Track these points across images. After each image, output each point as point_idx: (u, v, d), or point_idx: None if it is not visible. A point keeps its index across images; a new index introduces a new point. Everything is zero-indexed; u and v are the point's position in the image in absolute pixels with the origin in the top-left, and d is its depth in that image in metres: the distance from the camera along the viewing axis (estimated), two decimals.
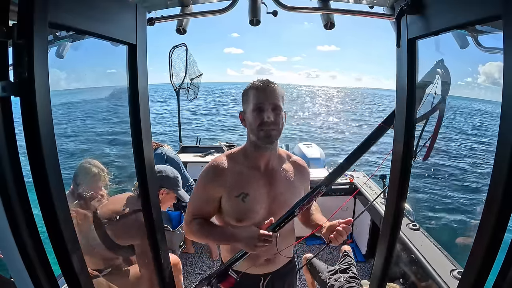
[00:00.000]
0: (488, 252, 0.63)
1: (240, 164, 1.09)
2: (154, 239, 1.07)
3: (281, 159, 1.16)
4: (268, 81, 1.03)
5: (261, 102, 1.00)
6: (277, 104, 1.01)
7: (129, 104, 0.93)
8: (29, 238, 0.60)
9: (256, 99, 1.01)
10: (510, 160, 0.55)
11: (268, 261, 1.16)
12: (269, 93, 1.01)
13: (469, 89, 38.78)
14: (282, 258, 1.19)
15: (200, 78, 4.19)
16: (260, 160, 1.09)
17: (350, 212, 3.08)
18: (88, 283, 0.71)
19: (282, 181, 1.11)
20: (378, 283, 1.13)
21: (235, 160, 1.10)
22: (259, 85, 1.02)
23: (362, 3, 1.15)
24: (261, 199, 1.06)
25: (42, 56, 0.57)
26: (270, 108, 1.00)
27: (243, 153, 1.11)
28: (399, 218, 1.02)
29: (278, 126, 1.02)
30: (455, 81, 0.91)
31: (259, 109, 1.00)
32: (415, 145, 0.94)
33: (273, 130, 1.01)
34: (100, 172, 1.44)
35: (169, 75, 3.93)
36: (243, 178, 1.07)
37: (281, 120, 1.03)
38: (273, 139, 1.03)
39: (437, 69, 0.92)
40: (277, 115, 1.01)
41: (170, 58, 3.86)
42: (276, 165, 1.12)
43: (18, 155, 0.58)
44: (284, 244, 1.13)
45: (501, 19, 0.55)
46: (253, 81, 1.05)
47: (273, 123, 1.01)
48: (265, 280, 1.19)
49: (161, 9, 1.11)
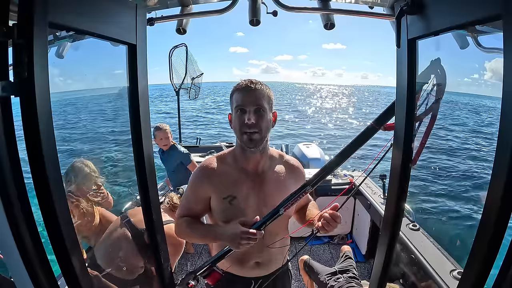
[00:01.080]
0: (488, 252, 0.63)
1: (229, 166, 1.08)
2: (154, 239, 1.07)
3: (272, 160, 1.13)
4: (251, 81, 1.01)
5: (242, 103, 0.98)
6: (260, 105, 0.98)
7: (129, 104, 0.93)
8: (29, 238, 0.60)
9: (237, 101, 0.99)
10: (510, 160, 0.55)
11: (259, 264, 1.15)
12: (251, 94, 0.98)
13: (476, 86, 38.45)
14: (274, 263, 1.18)
15: (201, 78, 4.19)
16: (249, 163, 1.07)
17: (350, 212, 3.08)
18: (88, 283, 0.71)
19: (272, 183, 1.09)
20: (378, 283, 1.13)
21: (225, 162, 1.10)
22: (241, 86, 1.00)
23: (362, 3, 1.15)
24: (249, 202, 1.06)
25: (42, 56, 0.57)
26: (252, 110, 0.97)
27: (232, 155, 1.11)
28: (399, 218, 1.02)
29: (260, 129, 0.98)
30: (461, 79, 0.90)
31: (240, 110, 0.99)
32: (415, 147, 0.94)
33: (254, 133, 0.98)
34: (92, 173, 1.44)
35: (169, 75, 3.94)
36: (231, 180, 1.06)
37: (265, 122, 0.99)
38: (256, 143, 0.99)
39: (433, 69, 0.91)
40: (259, 117, 0.97)
41: (170, 58, 3.87)
42: (266, 167, 1.10)
43: (18, 155, 0.58)
44: (275, 248, 1.13)
45: (501, 19, 0.55)
46: (238, 82, 1.03)
47: (254, 126, 0.97)
48: (256, 284, 1.18)
49: (161, 9, 1.11)
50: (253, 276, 1.17)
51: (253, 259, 1.13)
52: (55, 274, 0.65)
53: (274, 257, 1.17)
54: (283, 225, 1.17)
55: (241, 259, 1.12)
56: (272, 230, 1.07)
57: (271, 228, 1.04)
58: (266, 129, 1.01)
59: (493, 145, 0.58)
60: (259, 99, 0.98)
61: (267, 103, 1.01)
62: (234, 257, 1.11)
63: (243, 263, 1.13)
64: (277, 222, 1.04)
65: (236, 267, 1.15)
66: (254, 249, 1.07)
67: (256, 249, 1.06)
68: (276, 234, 1.12)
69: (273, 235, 1.11)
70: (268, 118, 1.01)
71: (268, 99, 1.02)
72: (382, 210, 2.37)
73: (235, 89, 1.02)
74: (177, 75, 3.97)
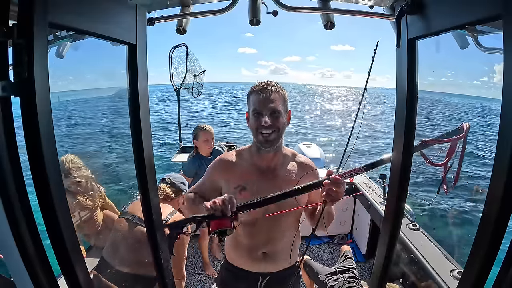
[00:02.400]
0: (488, 252, 0.63)
1: (244, 161, 1.15)
2: (154, 239, 1.07)
3: (286, 158, 1.18)
4: (267, 84, 1.06)
5: (258, 107, 1.04)
6: (275, 108, 1.03)
7: (129, 104, 0.93)
8: (29, 238, 0.60)
9: (254, 104, 1.05)
10: (510, 160, 0.55)
11: (266, 256, 1.17)
12: (267, 98, 1.03)
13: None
14: (281, 258, 1.20)
15: (204, 75, 4.18)
16: (262, 160, 1.13)
17: (350, 212, 3.08)
18: (88, 283, 0.71)
19: (282, 179, 1.13)
20: (378, 283, 1.13)
21: (241, 156, 1.17)
22: (258, 89, 1.05)
23: (362, 3, 1.15)
24: (258, 194, 1.06)
25: (42, 56, 0.56)
26: (268, 113, 1.03)
27: (249, 151, 1.17)
28: (399, 218, 1.02)
29: (277, 129, 1.04)
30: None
31: (257, 113, 1.04)
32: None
33: (271, 134, 1.04)
34: (84, 169, 1.45)
35: (169, 75, 3.93)
36: (244, 173, 1.12)
37: (281, 123, 1.05)
38: (272, 143, 1.06)
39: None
40: (275, 119, 1.03)
41: (170, 58, 3.86)
42: (279, 165, 1.15)
43: (18, 155, 0.58)
44: (282, 241, 1.16)
45: (501, 19, 0.55)
46: (255, 84, 1.08)
47: (271, 127, 1.03)
48: (263, 280, 1.20)
49: (161, 9, 1.11)
50: (260, 271, 1.20)
51: (260, 249, 1.17)
52: (55, 274, 0.66)
53: (281, 250, 1.19)
54: (292, 220, 1.18)
55: (249, 249, 1.17)
56: (281, 222, 1.13)
57: (279, 219, 1.09)
58: (282, 129, 1.07)
59: (493, 145, 0.58)
60: (275, 102, 1.03)
61: (282, 105, 1.06)
62: (242, 247, 1.18)
63: (250, 252, 1.17)
64: (285, 217, 1.10)
65: (243, 258, 1.19)
66: (261, 238, 1.14)
67: (263, 238, 1.14)
68: (284, 228, 1.16)
69: (281, 228, 1.15)
70: (284, 118, 1.07)
71: (283, 101, 1.07)
72: (382, 210, 2.37)
73: (252, 91, 1.08)
74: (178, 75, 3.97)
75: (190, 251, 2.98)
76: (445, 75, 40.14)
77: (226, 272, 1.27)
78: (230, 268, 1.25)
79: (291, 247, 1.19)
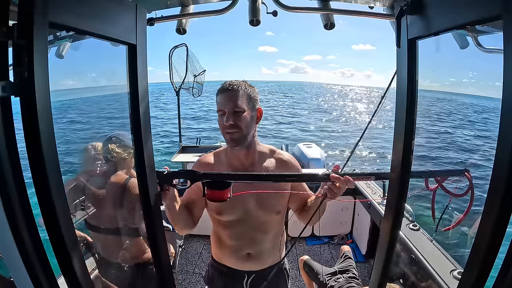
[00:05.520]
0: (488, 252, 0.63)
1: (221, 161, 1.16)
2: (154, 239, 1.07)
3: (262, 155, 1.17)
4: (231, 83, 1.06)
5: (221, 106, 1.04)
6: (239, 107, 1.02)
7: (129, 104, 0.93)
8: (29, 238, 0.60)
9: (218, 104, 1.06)
10: (510, 160, 0.55)
11: (250, 256, 1.19)
12: (230, 97, 1.03)
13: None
14: (267, 257, 1.22)
15: (204, 75, 4.18)
16: (237, 159, 1.14)
17: (350, 212, 3.08)
18: (88, 283, 0.71)
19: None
20: (378, 283, 1.13)
21: (219, 157, 1.18)
22: (223, 88, 1.06)
23: (362, 3, 1.15)
24: (237, 191, 1.07)
25: (42, 56, 0.56)
26: (231, 112, 1.02)
27: (225, 151, 1.18)
28: (399, 218, 1.02)
29: (240, 128, 1.03)
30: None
31: (220, 113, 1.05)
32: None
33: (235, 133, 1.03)
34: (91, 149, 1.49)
35: (169, 75, 3.94)
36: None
37: (244, 122, 1.03)
38: (238, 142, 1.05)
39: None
40: (237, 118, 1.02)
41: (170, 58, 3.86)
42: (255, 162, 1.15)
43: (18, 155, 0.58)
44: (266, 242, 1.18)
45: (501, 19, 0.55)
46: (222, 84, 1.09)
47: (233, 127, 1.02)
48: (249, 278, 1.22)
49: (161, 9, 1.11)
50: (246, 270, 1.22)
51: (244, 250, 1.18)
52: (55, 274, 0.66)
53: (265, 250, 1.20)
54: (275, 219, 1.19)
55: (234, 249, 1.19)
56: (262, 222, 1.14)
57: (261, 220, 1.12)
58: (247, 127, 1.05)
59: (493, 145, 0.58)
60: (236, 101, 1.02)
61: (246, 103, 1.04)
62: (226, 246, 1.20)
63: (235, 252, 1.19)
64: (267, 215, 1.12)
65: (228, 257, 1.21)
66: (245, 239, 1.15)
67: (246, 239, 1.16)
68: (268, 229, 1.17)
69: (265, 229, 1.16)
70: (249, 116, 1.05)
71: (248, 98, 1.06)
72: (382, 210, 2.37)
73: (218, 91, 1.08)
74: (178, 75, 3.97)
75: (190, 251, 2.99)
76: (445, 75, 40.73)
77: (213, 270, 1.30)
78: (216, 266, 1.28)
79: (277, 246, 1.21)
